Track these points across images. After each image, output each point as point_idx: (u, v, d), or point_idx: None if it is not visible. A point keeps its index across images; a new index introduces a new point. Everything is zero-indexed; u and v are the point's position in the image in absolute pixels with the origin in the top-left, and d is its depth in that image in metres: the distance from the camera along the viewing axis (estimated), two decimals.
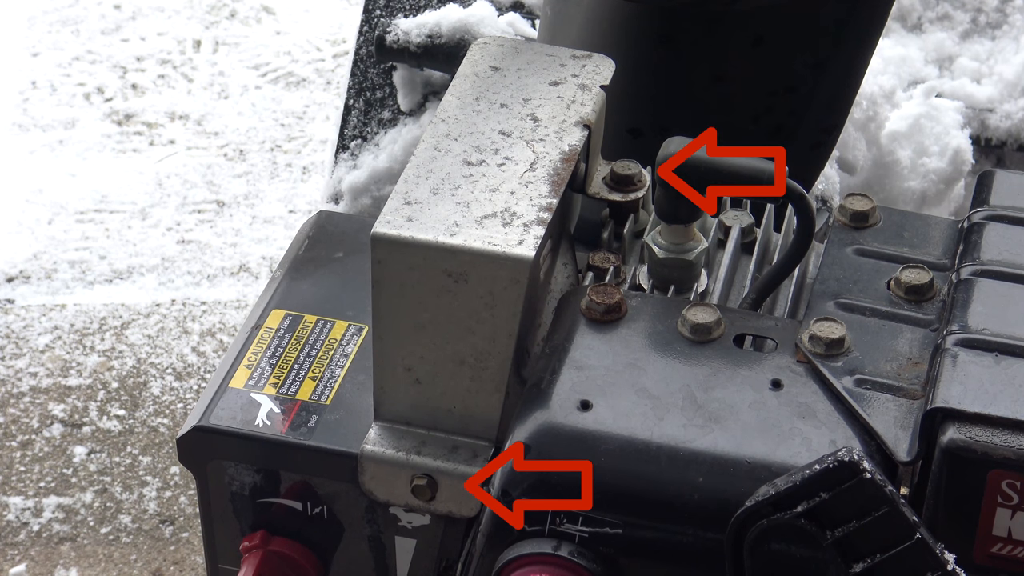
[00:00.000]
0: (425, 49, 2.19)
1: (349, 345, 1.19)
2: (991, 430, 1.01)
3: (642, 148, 1.24)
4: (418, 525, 1.13)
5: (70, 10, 3.49)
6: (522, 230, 1.08)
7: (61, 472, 2.51)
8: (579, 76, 1.21)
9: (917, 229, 1.21)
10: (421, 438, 1.12)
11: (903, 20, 2.43)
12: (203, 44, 3.48)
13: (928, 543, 0.99)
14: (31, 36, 3.34)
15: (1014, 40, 2.38)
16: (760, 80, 1.49)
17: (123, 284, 2.92)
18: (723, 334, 1.12)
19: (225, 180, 3.15)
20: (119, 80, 3.38)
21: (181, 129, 3.27)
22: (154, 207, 3.08)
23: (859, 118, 2.23)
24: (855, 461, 0.98)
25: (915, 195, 2.22)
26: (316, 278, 1.24)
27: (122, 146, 3.23)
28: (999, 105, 2.31)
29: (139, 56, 3.45)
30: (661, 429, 1.06)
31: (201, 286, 2.92)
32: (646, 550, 1.05)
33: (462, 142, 1.14)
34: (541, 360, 1.11)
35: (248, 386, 1.16)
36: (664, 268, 1.20)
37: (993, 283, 1.13)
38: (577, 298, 1.14)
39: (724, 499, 1.03)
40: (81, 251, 2.94)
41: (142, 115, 3.30)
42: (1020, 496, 1.01)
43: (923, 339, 1.11)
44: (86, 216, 3.03)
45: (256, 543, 1.16)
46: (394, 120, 2.30)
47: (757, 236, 1.25)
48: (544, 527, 1.06)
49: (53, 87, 3.30)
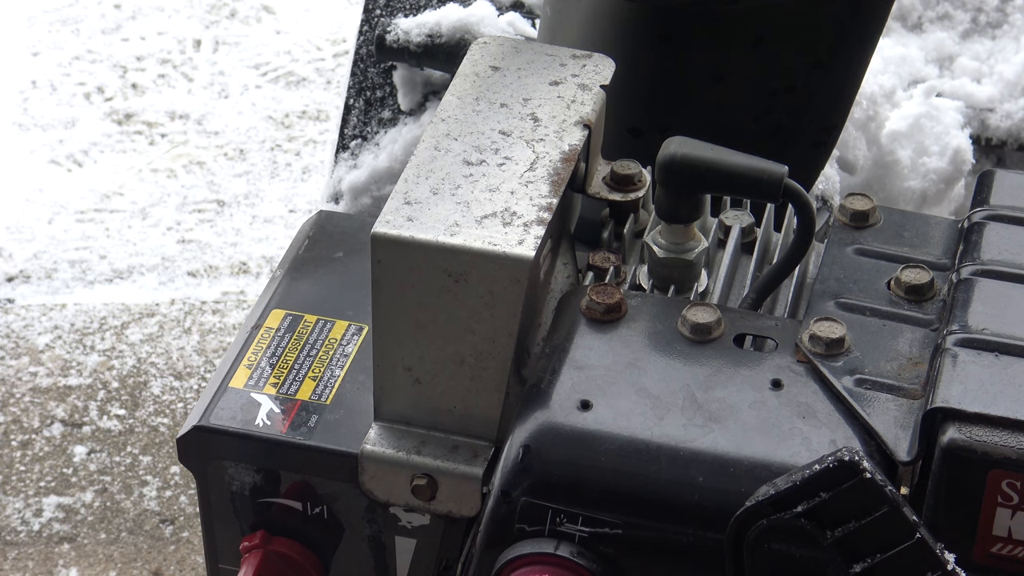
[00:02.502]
0: (425, 49, 2.19)
1: (349, 345, 1.19)
2: (991, 430, 1.01)
3: (642, 148, 1.24)
4: (418, 525, 1.13)
5: (70, 10, 3.49)
6: (522, 230, 1.08)
7: (61, 472, 2.51)
8: (579, 76, 1.21)
9: (917, 229, 1.21)
10: (421, 438, 1.12)
11: (903, 20, 2.43)
12: (203, 44, 3.48)
13: (928, 543, 0.99)
14: (31, 36, 3.34)
15: (1014, 40, 2.38)
16: (760, 80, 1.49)
17: (123, 284, 2.92)
18: (723, 334, 1.12)
19: (225, 180, 3.15)
20: (119, 80, 3.38)
21: (181, 128, 3.27)
22: (154, 207, 3.08)
23: (859, 118, 2.23)
24: (855, 461, 0.98)
25: (915, 195, 2.22)
26: (316, 278, 1.24)
27: (122, 145, 3.23)
28: (999, 105, 2.31)
29: (139, 56, 3.45)
30: (661, 429, 1.06)
31: (201, 286, 2.92)
32: (646, 550, 1.05)
33: (462, 142, 1.14)
34: (541, 360, 1.11)
35: (248, 386, 1.16)
36: (664, 268, 1.20)
37: (993, 283, 1.13)
38: (577, 298, 1.14)
39: (724, 499, 1.03)
40: (81, 251, 2.94)
41: (142, 115, 3.30)
42: (1020, 496, 1.01)
43: (923, 339, 1.11)
44: (86, 216, 3.03)
45: (256, 543, 1.16)
46: (394, 120, 2.30)
47: (757, 236, 1.25)
48: (544, 527, 1.06)
49: (53, 87, 3.30)
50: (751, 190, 1.16)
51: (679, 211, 1.18)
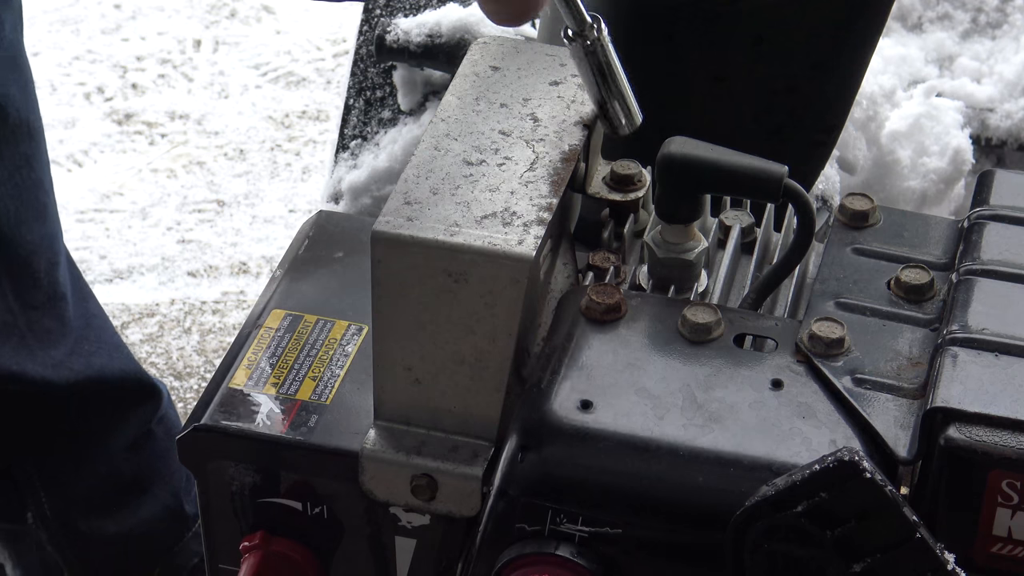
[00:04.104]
0: (425, 49, 2.19)
1: (349, 345, 1.19)
2: (991, 430, 1.02)
3: (642, 148, 1.24)
4: (418, 525, 1.13)
5: (70, 10, 3.50)
6: (522, 230, 1.08)
7: None
8: (579, 76, 1.21)
9: (917, 229, 1.21)
10: (421, 438, 1.12)
11: (903, 20, 2.43)
12: (203, 44, 3.48)
13: (928, 543, 0.99)
14: (31, 36, 3.34)
15: (1014, 40, 2.38)
16: (761, 80, 1.49)
17: (123, 284, 2.92)
18: (723, 334, 1.12)
19: (225, 180, 3.15)
20: (119, 80, 3.38)
21: (181, 128, 3.27)
22: (154, 207, 3.08)
23: (859, 118, 2.23)
24: (855, 461, 0.98)
25: (915, 195, 2.22)
26: (316, 278, 1.25)
27: (122, 145, 3.23)
28: (999, 105, 2.31)
29: (139, 56, 3.45)
30: (661, 429, 1.06)
31: (201, 286, 2.92)
32: (646, 550, 1.05)
33: (462, 142, 1.14)
34: (541, 360, 1.11)
35: (248, 386, 1.16)
36: (664, 268, 1.20)
37: (993, 283, 1.13)
38: (577, 298, 1.14)
39: (724, 499, 1.03)
40: (81, 251, 2.94)
41: (142, 115, 3.30)
42: (1020, 496, 1.01)
43: (923, 339, 1.11)
44: (86, 216, 3.03)
45: (256, 543, 1.16)
46: (394, 120, 2.30)
47: (757, 236, 1.25)
48: (544, 527, 1.06)
49: (53, 87, 3.31)
50: (751, 190, 1.16)
51: (679, 211, 1.18)
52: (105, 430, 1.95)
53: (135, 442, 1.97)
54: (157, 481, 2.01)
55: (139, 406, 1.96)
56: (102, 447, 1.94)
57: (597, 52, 1.15)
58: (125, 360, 1.94)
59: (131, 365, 1.95)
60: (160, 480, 2.01)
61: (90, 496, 1.96)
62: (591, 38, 1.15)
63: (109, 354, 1.92)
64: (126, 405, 1.95)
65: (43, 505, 1.92)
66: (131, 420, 1.96)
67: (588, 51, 1.15)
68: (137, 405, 1.96)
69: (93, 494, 1.96)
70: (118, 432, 1.95)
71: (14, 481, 1.90)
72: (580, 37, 1.15)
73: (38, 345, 1.83)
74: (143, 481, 2.00)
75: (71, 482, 1.93)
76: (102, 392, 1.90)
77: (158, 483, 2.01)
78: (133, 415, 1.96)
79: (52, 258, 1.82)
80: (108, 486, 1.97)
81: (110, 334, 1.95)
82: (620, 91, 1.17)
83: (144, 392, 1.97)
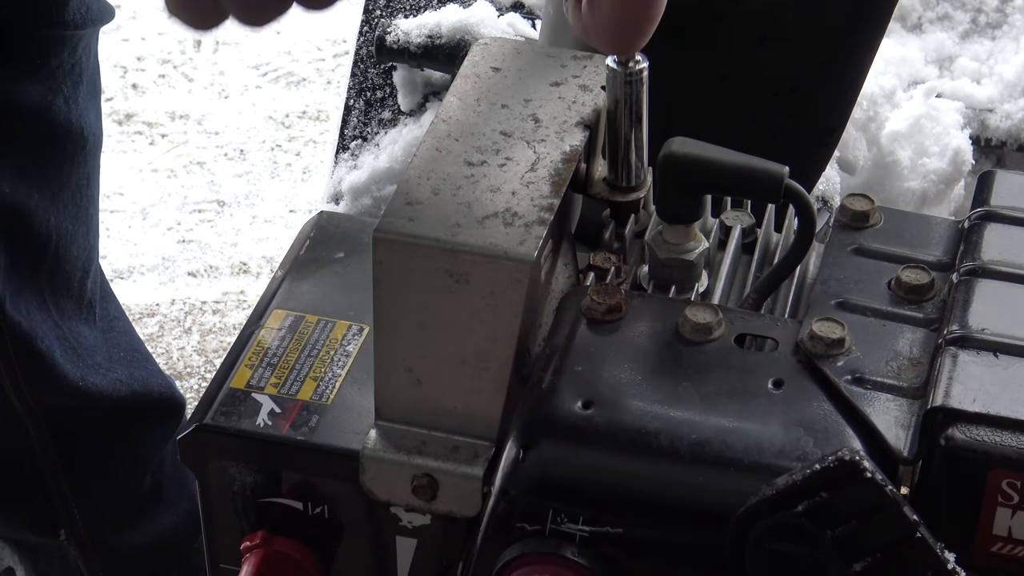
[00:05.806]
0: (425, 49, 2.20)
1: (350, 345, 1.19)
2: (991, 430, 1.02)
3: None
4: (419, 525, 1.14)
5: None
6: (523, 230, 1.08)
7: None
8: (580, 77, 1.21)
9: (917, 229, 1.21)
10: (422, 438, 1.12)
11: (903, 20, 2.43)
12: (203, 44, 3.48)
13: (928, 542, 0.99)
14: None
15: (1014, 40, 2.38)
16: (763, 80, 1.50)
17: (123, 284, 2.92)
18: (724, 334, 1.12)
19: (225, 180, 3.15)
20: (119, 80, 3.39)
21: (181, 128, 3.28)
22: (154, 207, 3.08)
23: (859, 118, 2.23)
24: (855, 460, 0.99)
25: (915, 195, 2.22)
26: (317, 278, 1.25)
27: (122, 146, 3.23)
28: (999, 105, 2.31)
29: (139, 56, 3.45)
30: (662, 428, 1.06)
31: (201, 286, 2.92)
32: (647, 550, 1.06)
33: (463, 143, 1.15)
34: (542, 360, 1.11)
35: (249, 386, 1.17)
36: (665, 268, 1.20)
37: (993, 283, 1.13)
38: (578, 298, 1.14)
39: (724, 499, 1.03)
40: None
41: (142, 115, 3.30)
42: (1020, 496, 1.01)
43: (923, 339, 1.12)
44: None
45: (257, 543, 1.16)
46: (394, 120, 2.30)
47: (758, 236, 1.26)
48: (544, 527, 1.06)
49: None
50: (752, 190, 1.16)
51: (680, 211, 1.18)
52: (140, 443, 1.94)
53: (161, 453, 1.98)
54: (176, 488, 2.01)
55: (172, 420, 1.96)
56: (134, 461, 1.94)
57: (633, 83, 1.14)
58: (157, 374, 1.95)
59: (164, 380, 1.95)
60: (179, 486, 2.01)
61: (120, 510, 1.96)
62: (634, 69, 1.14)
63: (144, 367, 1.92)
64: (158, 419, 1.94)
65: (76, 522, 1.90)
66: (160, 433, 1.96)
67: (627, 80, 1.14)
68: (169, 419, 1.96)
69: (124, 508, 1.96)
70: (150, 445, 1.95)
71: (47, 495, 1.89)
72: (623, 65, 1.14)
73: (87, 359, 1.82)
74: (163, 489, 2.00)
75: (104, 497, 1.93)
76: (139, 407, 1.89)
77: (177, 490, 2.01)
78: (163, 428, 1.96)
79: (87, 266, 1.82)
80: (136, 498, 1.97)
81: (140, 346, 1.95)
82: (639, 137, 1.16)
83: (176, 407, 1.96)
